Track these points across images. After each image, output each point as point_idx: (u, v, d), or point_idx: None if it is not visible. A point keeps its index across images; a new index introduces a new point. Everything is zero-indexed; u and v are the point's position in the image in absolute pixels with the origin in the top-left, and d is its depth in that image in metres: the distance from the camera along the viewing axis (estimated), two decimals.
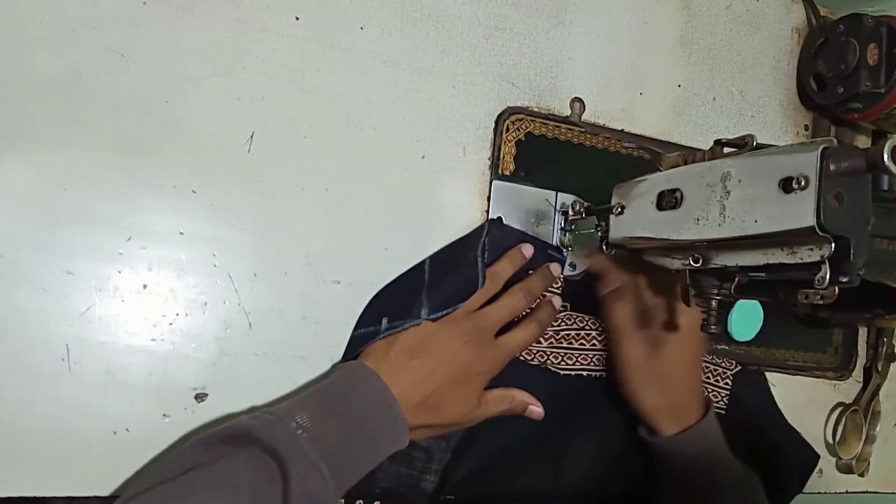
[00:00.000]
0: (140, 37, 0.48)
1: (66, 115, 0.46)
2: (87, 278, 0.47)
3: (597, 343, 0.57)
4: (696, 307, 0.48)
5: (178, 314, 0.49)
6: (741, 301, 0.64)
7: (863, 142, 0.73)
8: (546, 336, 0.56)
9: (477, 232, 0.54)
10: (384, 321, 0.50)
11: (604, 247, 0.51)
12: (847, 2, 0.71)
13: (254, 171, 0.51)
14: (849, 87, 0.63)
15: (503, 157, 0.57)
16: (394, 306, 0.51)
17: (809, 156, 0.36)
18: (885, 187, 0.41)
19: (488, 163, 0.57)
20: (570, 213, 0.55)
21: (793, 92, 0.71)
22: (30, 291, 0.45)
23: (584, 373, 0.58)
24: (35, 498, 0.46)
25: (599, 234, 0.54)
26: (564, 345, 0.56)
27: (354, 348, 0.51)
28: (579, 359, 0.57)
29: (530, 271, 0.54)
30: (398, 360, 0.46)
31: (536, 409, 0.53)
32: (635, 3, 0.64)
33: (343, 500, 0.49)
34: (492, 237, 0.53)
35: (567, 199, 0.58)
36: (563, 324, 0.56)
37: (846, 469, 0.70)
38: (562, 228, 0.56)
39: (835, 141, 0.37)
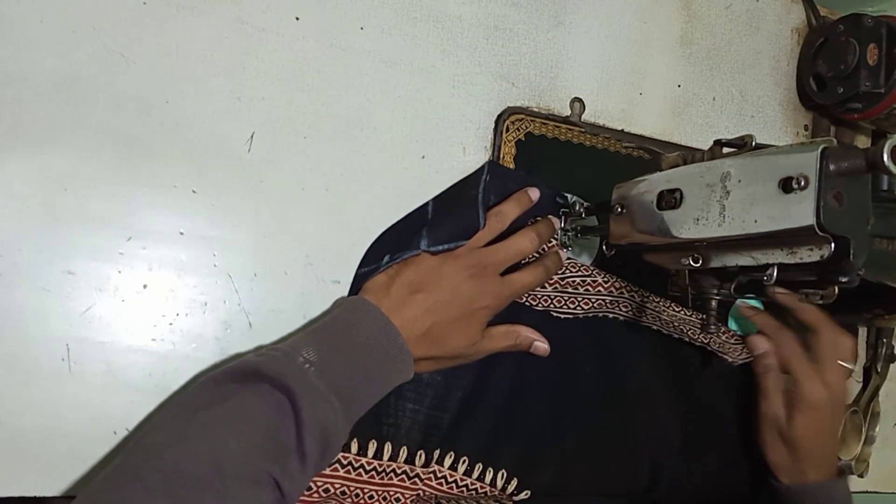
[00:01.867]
0: (140, 37, 0.48)
1: (66, 115, 0.46)
2: (87, 278, 0.47)
3: (601, 289, 0.57)
4: (842, 376, 0.52)
5: (178, 314, 0.49)
6: (740, 299, 0.64)
7: (863, 142, 0.73)
8: (551, 282, 0.55)
9: (478, 172, 0.54)
10: (386, 258, 0.50)
11: (604, 247, 0.51)
12: (847, 2, 0.71)
13: (254, 171, 0.51)
14: (848, 87, 0.63)
15: (503, 157, 0.57)
16: (396, 244, 0.51)
17: (809, 156, 0.36)
18: (885, 187, 0.41)
19: None
20: (570, 212, 0.55)
21: (793, 92, 0.71)
22: (30, 291, 0.45)
23: (590, 314, 0.58)
24: (35, 498, 0.46)
25: (599, 234, 0.54)
26: (570, 290, 0.56)
27: (357, 287, 0.51)
28: (581, 303, 0.57)
29: (538, 218, 0.55)
30: (399, 294, 0.47)
31: (542, 346, 0.53)
32: (635, 3, 0.64)
33: (391, 445, 0.51)
34: (493, 177, 0.53)
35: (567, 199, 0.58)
36: (567, 272, 0.56)
37: (846, 470, 0.70)
38: (562, 228, 0.56)
39: (835, 141, 0.37)
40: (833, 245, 0.37)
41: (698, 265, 0.43)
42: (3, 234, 0.45)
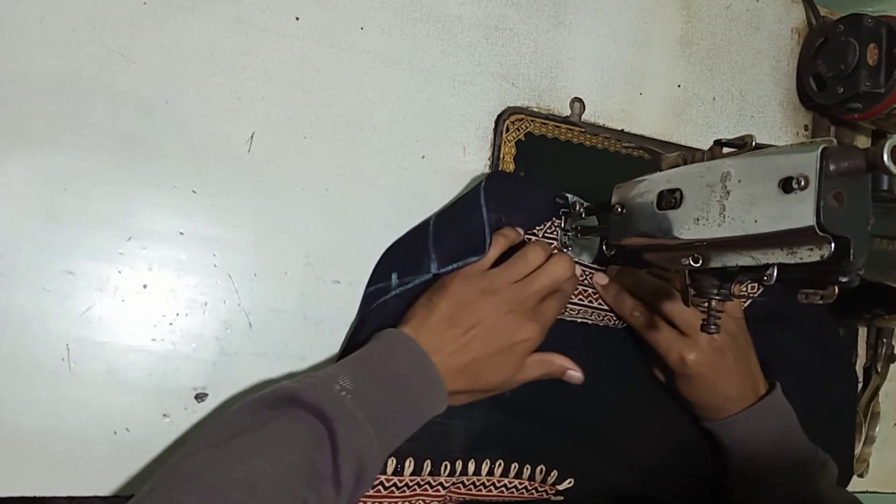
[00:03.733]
0: (140, 37, 0.48)
1: (66, 115, 0.46)
2: (87, 278, 0.47)
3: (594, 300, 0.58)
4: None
5: (178, 314, 0.49)
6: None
7: (863, 142, 0.73)
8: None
9: (475, 189, 0.54)
10: (394, 276, 0.51)
11: (604, 247, 0.51)
12: (847, 2, 0.71)
13: (254, 171, 0.51)
14: (848, 87, 0.63)
15: (503, 157, 0.57)
16: (402, 261, 0.52)
17: (809, 156, 0.36)
18: (885, 187, 0.41)
19: (488, 163, 0.57)
20: (570, 212, 0.55)
21: (793, 92, 0.71)
22: (30, 291, 0.45)
23: (589, 322, 0.58)
24: (35, 498, 0.46)
25: (599, 234, 0.54)
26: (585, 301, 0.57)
27: (367, 305, 0.52)
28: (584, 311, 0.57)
29: (539, 224, 0.55)
30: (438, 327, 0.47)
31: (575, 374, 0.52)
32: (635, 3, 0.64)
33: (413, 461, 0.50)
34: (493, 186, 0.53)
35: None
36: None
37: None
38: (562, 229, 0.56)
39: (835, 141, 0.37)
40: (833, 245, 0.36)
41: (698, 265, 0.43)
42: (3, 234, 0.45)
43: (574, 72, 0.61)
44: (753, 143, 0.42)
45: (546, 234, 0.56)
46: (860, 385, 0.72)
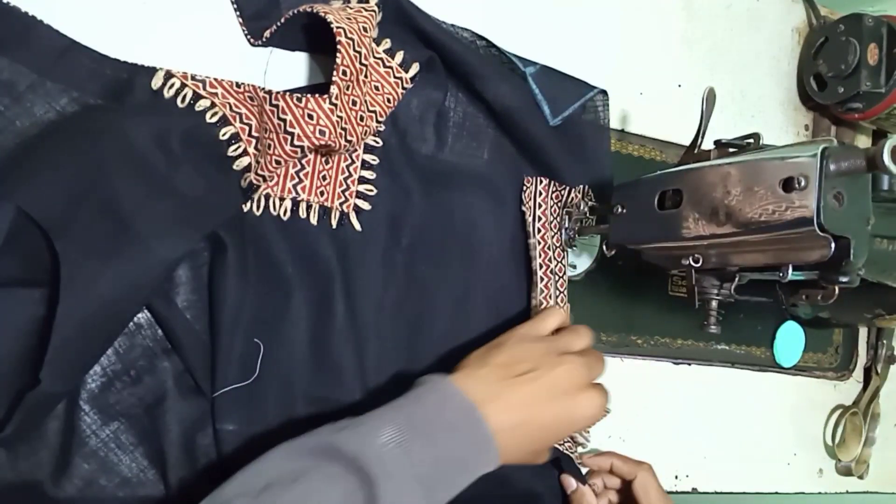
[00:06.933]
0: (140, 37, 0.48)
1: None
2: None
3: None
4: None
5: None
6: (783, 327, 0.67)
7: (863, 142, 0.73)
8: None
9: None
10: None
11: (604, 247, 0.51)
12: (847, 2, 0.71)
13: None
14: (849, 87, 0.63)
15: None
16: None
17: (809, 156, 0.36)
18: (886, 187, 0.41)
19: None
20: (574, 212, 0.55)
21: (793, 92, 0.71)
22: None
23: None
24: None
25: (599, 234, 0.54)
26: None
27: None
28: None
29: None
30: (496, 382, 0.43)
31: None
32: (635, 3, 0.64)
33: None
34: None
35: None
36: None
37: (846, 471, 0.70)
38: (564, 229, 0.56)
39: (835, 141, 0.37)
40: (833, 245, 0.37)
41: (698, 265, 0.44)
42: None
43: (574, 71, 0.61)
44: (760, 142, 0.43)
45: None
46: (861, 385, 0.72)
